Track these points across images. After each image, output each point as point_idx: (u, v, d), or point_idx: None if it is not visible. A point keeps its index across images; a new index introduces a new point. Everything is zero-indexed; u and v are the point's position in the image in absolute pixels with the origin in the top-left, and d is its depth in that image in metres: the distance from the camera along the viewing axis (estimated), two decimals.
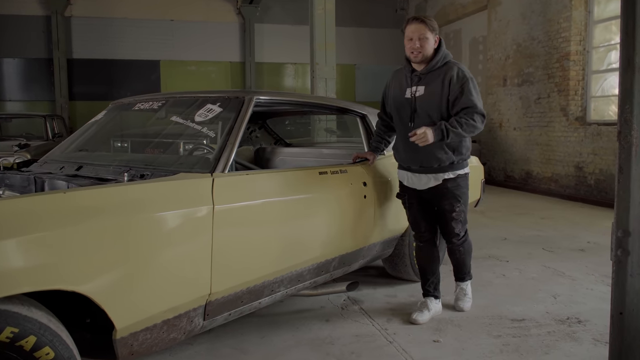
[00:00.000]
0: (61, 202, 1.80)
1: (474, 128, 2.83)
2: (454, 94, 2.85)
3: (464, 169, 3.01)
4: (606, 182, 7.64)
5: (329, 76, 6.27)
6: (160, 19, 12.77)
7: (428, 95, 2.90)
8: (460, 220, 3.07)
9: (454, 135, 2.80)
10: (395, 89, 3.09)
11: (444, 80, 2.87)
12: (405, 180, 3.13)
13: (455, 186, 2.98)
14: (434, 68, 2.92)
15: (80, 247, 1.76)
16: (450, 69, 2.89)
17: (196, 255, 2.15)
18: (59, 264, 1.70)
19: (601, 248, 4.97)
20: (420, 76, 2.95)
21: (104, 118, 3.29)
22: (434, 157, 2.93)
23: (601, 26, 8.17)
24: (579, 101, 8.42)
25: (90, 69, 12.54)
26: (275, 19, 13.50)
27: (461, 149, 2.97)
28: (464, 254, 3.20)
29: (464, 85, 2.85)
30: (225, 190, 2.31)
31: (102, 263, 1.82)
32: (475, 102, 2.85)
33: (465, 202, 3.05)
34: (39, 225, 1.68)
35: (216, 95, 2.82)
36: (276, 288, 2.63)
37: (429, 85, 2.91)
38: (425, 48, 2.87)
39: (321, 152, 4.31)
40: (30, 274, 1.63)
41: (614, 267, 1.97)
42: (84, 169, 2.64)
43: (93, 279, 1.78)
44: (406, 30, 2.93)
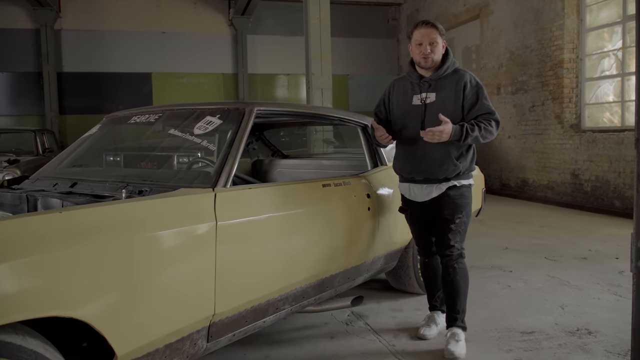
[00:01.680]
0: (58, 223, 1.70)
1: (490, 134, 2.74)
2: (470, 101, 2.76)
3: (469, 180, 2.89)
4: (602, 189, 7.62)
5: (325, 86, 6.21)
6: (152, 31, 12.70)
7: (441, 102, 2.78)
8: (459, 232, 2.85)
9: (471, 138, 2.68)
10: (399, 97, 2.94)
11: (457, 86, 2.77)
12: (407, 193, 2.97)
13: (458, 195, 2.83)
14: (444, 74, 2.81)
15: (78, 271, 1.66)
16: (462, 76, 2.80)
17: (199, 274, 2.05)
18: (55, 289, 1.59)
19: (603, 256, 4.92)
20: (430, 82, 2.83)
21: (98, 132, 3.19)
22: (441, 167, 2.79)
23: (593, 34, 8.19)
24: (574, 108, 8.42)
25: (81, 82, 12.42)
26: (267, 30, 13.48)
27: (468, 159, 2.85)
28: (458, 275, 2.86)
29: (479, 91, 2.78)
30: (228, 206, 2.21)
31: (101, 287, 1.71)
32: (492, 109, 2.79)
33: (467, 214, 2.87)
34: (33, 248, 1.58)
35: (215, 107, 2.74)
36: (281, 306, 2.54)
37: (440, 92, 2.80)
38: (435, 53, 2.77)
39: (320, 164, 4.23)
40: (24, 301, 1.52)
41: (634, 279, 1.90)
42: (79, 186, 2.53)
43: (92, 304, 1.68)
44: (414, 34, 2.82)
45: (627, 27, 7.54)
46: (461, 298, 2.89)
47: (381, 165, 3.41)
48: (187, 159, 3.01)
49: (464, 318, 2.91)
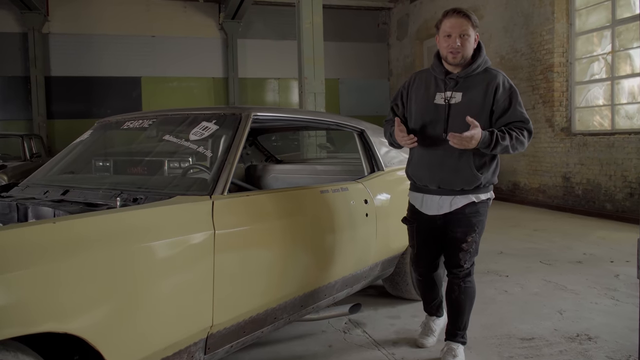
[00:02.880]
0: (51, 234, 1.63)
1: (520, 145, 2.43)
2: (500, 106, 2.44)
3: (488, 194, 2.59)
4: (593, 192, 7.65)
5: (318, 90, 6.17)
6: (141, 34, 12.59)
7: (467, 103, 2.45)
8: (470, 252, 2.61)
9: (500, 147, 2.37)
10: (419, 92, 2.60)
11: (487, 88, 2.45)
12: (417, 204, 2.67)
13: (473, 213, 2.55)
14: (473, 72, 2.48)
15: (73, 284, 1.59)
16: (494, 77, 2.47)
17: (197, 285, 1.99)
18: (49, 304, 1.53)
19: (598, 259, 4.92)
20: (457, 80, 2.49)
21: (90, 138, 3.12)
22: (459, 177, 2.49)
23: (583, 38, 8.24)
24: (564, 112, 8.46)
25: (69, 87, 12.27)
26: (258, 34, 13.43)
27: (490, 170, 2.54)
28: (464, 293, 2.67)
29: (512, 96, 2.45)
30: (226, 214, 2.16)
31: (97, 300, 1.65)
32: (527, 116, 2.47)
33: (480, 231, 2.61)
34: (26, 260, 1.51)
35: (211, 113, 2.68)
36: (279, 315, 2.48)
37: (468, 92, 2.47)
38: (466, 47, 2.43)
39: (315, 169, 4.18)
40: (16, 316, 1.46)
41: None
42: (71, 193, 2.46)
43: (87, 318, 1.62)
44: (443, 24, 2.46)
45: (616, 32, 7.59)
46: (464, 315, 2.73)
47: (378, 171, 3.37)
48: (182, 165, 2.95)
49: (465, 334, 2.78)
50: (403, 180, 3.49)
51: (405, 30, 13.71)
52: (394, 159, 3.58)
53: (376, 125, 3.69)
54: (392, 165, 3.53)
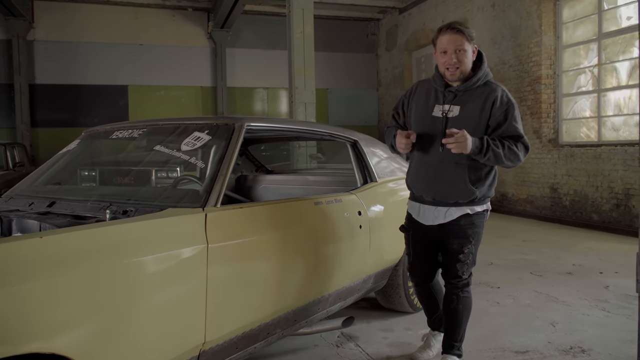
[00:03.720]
0: (38, 249, 1.57)
1: (515, 157, 2.41)
2: (496, 120, 2.43)
3: (484, 206, 2.57)
4: (580, 203, 7.70)
5: (309, 100, 6.14)
6: (129, 43, 12.49)
7: (464, 117, 2.44)
8: (467, 263, 2.60)
9: (492, 154, 2.36)
10: (419, 103, 2.60)
11: (485, 102, 2.44)
12: (414, 213, 2.67)
13: (468, 224, 2.54)
14: (473, 86, 2.47)
15: (61, 301, 1.53)
16: (493, 91, 2.45)
17: (189, 301, 1.94)
18: (35, 323, 1.46)
19: (587, 270, 4.93)
20: (456, 93, 2.48)
21: (77, 147, 3.05)
22: (455, 191, 2.49)
23: (570, 50, 8.33)
24: (551, 124, 8.53)
25: (54, 95, 12.12)
26: (247, 43, 13.40)
27: (486, 184, 2.52)
28: (461, 304, 2.64)
29: (508, 110, 2.44)
30: (220, 226, 2.11)
31: (86, 318, 1.59)
32: (521, 132, 2.45)
33: (476, 243, 2.60)
34: (11, 277, 1.45)
35: (203, 123, 2.63)
36: (272, 330, 2.43)
37: (465, 106, 2.46)
38: (463, 63, 2.41)
39: (306, 179, 4.14)
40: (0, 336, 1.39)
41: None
42: (57, 205, 2.39)
43: (75, 337, 1.55)
44: (438, 41, 2.47)
45: (602, 44, 7.69)
46: (461, 326, 2.70)
47: (371, 182, 3.34)
48: (172, 175, 2.89)
49: (460, 346, 2.75)
50: (396, 191, 3.47)
51: (394, 41, 13.78)
52: (385, 169, 3.55)
53: (369, 136, 3.67)
54: (385, 176, 3.50)
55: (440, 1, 11.45)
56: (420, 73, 12.68)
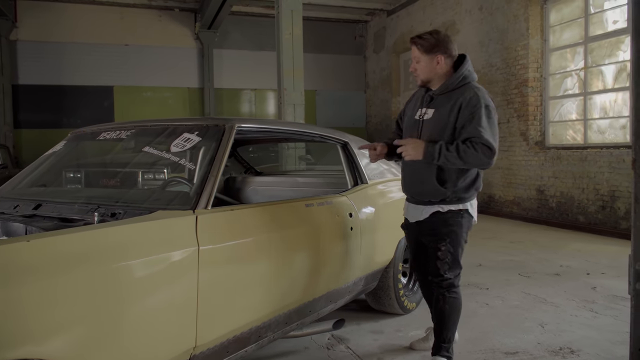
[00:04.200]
0: (25, 253, 1.53)
1: (474, 159, 2.43)
2: (462, 122, 2.48)
3: (459, 205, 2.60)
4: (567, 204, 7.77)
5: (298, 102, 6.12)
6: (114, 43, 12.37)
7: (435, 119, 2.55)
8: (447, 262, 2.63)
9: (444, 158, 2.43)
10: (409, 109, 2.79)
11: (454, 104, 2.51)
12: (405, 211, 2.83)
13: (441, 222, 2.60)
14: (447, 89, 2.57)
15: (49, 306, 1.50)
16: (463, 93, 2.52)
17: (180, 304, 1.91)
18: (23, 328, 1.43)
19: (575, 272, 4.96)
20: (433, 97, 2.62)
21: (63, 149, 3.00)
22: (426, 189, 2.60)
23: (557, 54, 8.41)
24: (538, 126, 8.60)
25: (38, 96, 11.96)
26: (234, 44, 13.34)
27: (459, 185, 2.58)
28: (447, 304, 2.67)
29: (475, 112, 2.46)
30: (211, 229, 2.08)
31: (75, 322, 1.56)
32: (482, 133, 2.43)
33: (453, 242, 2.61)
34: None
35: (193, 124, 2.60)
36: (263, 334, 2.40)
37: (438, 109, 2.57)
38: (421, 70, 2.60)
39: (296, 181, 4.12)
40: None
41: (633, 302, 1.86)
42: (44, 208, 2.34)
43: (64, 342, 1.52)
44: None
45: (588, 48, 7.77)
46: (448, 327, 2.71)
47: (362, 184, 3.33)
48: (162, 177, 2.86)
49: (449, 348, 2.73)
50: (386, 193, 3.47)
51: (382, 43, 13.82)
52: (374, 170, 3.54)
53: (359, 138, 3.66)
54: (375, 178, 3.49)
55: (428, 3, 11.50)
56: (408, 75, 12.73)
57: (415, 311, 3.75)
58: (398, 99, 13.23)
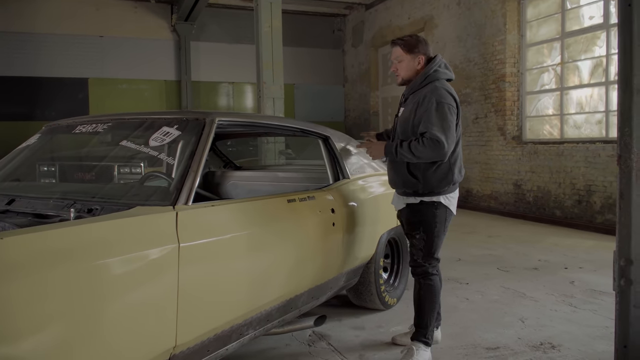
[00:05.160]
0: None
1: (424, 152, 2.59)
2: (418, 118, 2.67)
3: (432, 197, 2.73)
4: (544, 199, 7.87)
5: (277, 95, 6.05)
6: (89, 34, 12.08)
7: (404, 117, 2.79)
8: (421, 249, 2.78)
9: (400, 155, 2.66)
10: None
11: (415, 102, 2.72)
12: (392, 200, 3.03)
13: (414, 211, 2.79)
14: (414, 89, 2.78)
15: (23, 305, 1.43)
16: (421, 92, 2.72)
17: (160, 303, 1.85)
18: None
19: (552, 266, 5.02)
20: (406, 96, 2.85)
21: (37, 142, 2.90)
22: (400, 180, 2.81)
23: (534, 49, 8.49)
24: (515, 121, 8.68)
25: (10, 87, 11.61)
26: (211, 37, 13.15)
27: (430, 179, 2.71)
28: (422, 290, 2.81)
29: (427, 108, 2.63)
30: (191, 225, 2.03)
31: (50, 322, 1.49)
32: (429, 127, 2.59)
33: (426, 230, 2.75)
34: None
35: (172, 117, 2.53)
36: (245, 331, 2.36)
37: (407, 107, 2.79)
38: (402, 70, 2.82)
39: (276, 176, 4.07)
40: None
41: (617, 298, 1.87)
42: (17, 203, 2.26)
43: (38, 343, 1.46)
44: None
45: (565, 44, 7.86)
46: (425, 313, 2.83)
47: (344, 179, 3.30)
48: (140, 172, 2.78)
49: (426, 333, 2.82)
50: (367, 188, 3.45)
51: (360, 37, 13.78)
52: (354, 165, 3.51)
53: (341, 132, 3.62)
54: (356, 173, 3.46)
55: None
56: (386, 70, 12.72)
57: (396, 307, 3.75)
58: (376, 93, 13.22)
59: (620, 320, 1.88)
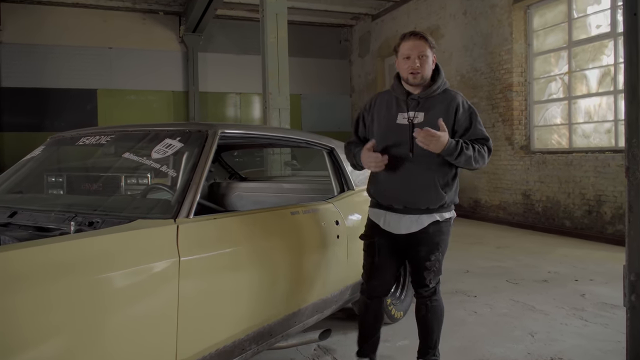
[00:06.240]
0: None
1: (482, 160, 2.45)
2: (462, 125, 2.48)
3: (451, 212, 2.58)
4: (553, 209, 7.79)
5: (283, 106, 6.04)
6: (98, 46, 12.19)
7: (430, 122, 2.43)
8: (434, 271, 2.58)
9: (464, 156, 2.38)
10: (381, 113, 2.61)
11: (448, 107, 2.48)
12: (382, 222, 2.59)
13: (437, 231, 2.53)
14: (434, 93, 2.52)
15: (21, 321, 1.41)
16: (454, 97, 2.52)
17: (160, 318, 1.83)
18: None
19: (563, 278, 4.94)
20: (419, 100, 2.51)
21: (41, 154, 2.90)
22: (425, 195, 2.47)
23: (541, 58, 8.44)
24: (523, 130, 8.62)
25: (21, 98, 11.72)
26: (219, 48, 13.22)
27: (453, 189, 2.55)
28: (431, 312, 2.64)
29: (472, 116, 2.51)
30: (192, 239, 2.00)
31: (48, 338, 1.46)
32: (487, 135, 2.51)
33: (443, 250, 2.59)
34: None
35: (175, 129, 2.52)
36: (247, 346, 2.32)
37: (429, 112, 2.48)
38: (425, 68, 2.46)
39: (281, 187, 4.05)
40: None
41: (628, 314, 1.82)
42: (19, 216, 2.25)
43: (39, 358, 1.43)
44: (401, 47, 2.50)
45: (572, 52, 7.81)
46: (434, 333, 2.69)
47: (348, 190, 3.26)
48: (141, 184, 2.77)
49: (436, 352, 2.72)
50: None
51: (367, 47, 13.80)
52: (359, 176, 3.47)
53: None
54: (361, 184, 3.42)
55: (412, 8, 11.52)
56: (392, 79, 12.69)
57: (403, 320, 3.69)
58: None
59: (632, 337, 1.83)
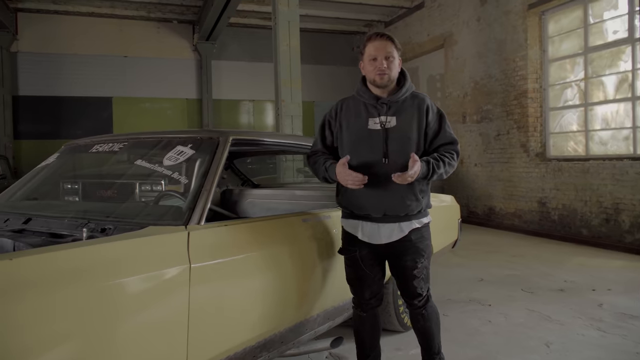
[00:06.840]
0: (7, 272, 1.45)
1: (452, 169, 2.46)
2: (432, 128, 2.47)
3: (428, 217, 2.55)
4: (569, 217, 7.68)
5: (295, 113, 6.05)
6: (113, 54, 12.36)
7: (402, 126, 2.41)
8: (422, 278, 2.52)
9: (436, 175, 2.40)
10: (349, 119, 2.50)
11: (418, 110, 2.44)
12: (360, 233, 2.48)
13: (419, 238, 2.48)
14: (402, 97, 2.47)
15: (33, 327, 1.41)
16: (422, 100, 2.49)
17: (170, 324, 1.82)
18: (5, 349, 1.34)
19: (580, 287, 4.86)
20: (389, 104, 2.44)
21: (56, 161, 2.93)
22: (403, 203, 2.41)
23: (556, 64, 8.37)
24: (539, 137, 8.53)
25: (38, 107, 11.92)
26: (232, 55, 13.33)
27: (428, 194, 2.53)
28: (429, 320, 2.57)
29: (441, 119, 2.50)
30: (203, 246, 2.00)
31: (61, 345, 1.47)
32: (455, 137, 2.51)
33: (428, 255, 2.53)
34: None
35: (187, 136, 2.53)
36: (258, 354, 2.31)
37: (400, 116, 2.43)
38: (392, 69, 2.41)
39: (294, 194, 4.03)
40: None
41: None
42: (33, 222, 2.27)
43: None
44: (367, 48, 2.44)
45: (588, 59, 7.72)
46: (436, 338, 2.64)
47: None
48: (154, 190, 2.78)
49: (441, 356, 2.67)
50: None
51: None
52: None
53: None
54: None
55: (425, 15, 11.50)
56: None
57: None
58: None
59: None
